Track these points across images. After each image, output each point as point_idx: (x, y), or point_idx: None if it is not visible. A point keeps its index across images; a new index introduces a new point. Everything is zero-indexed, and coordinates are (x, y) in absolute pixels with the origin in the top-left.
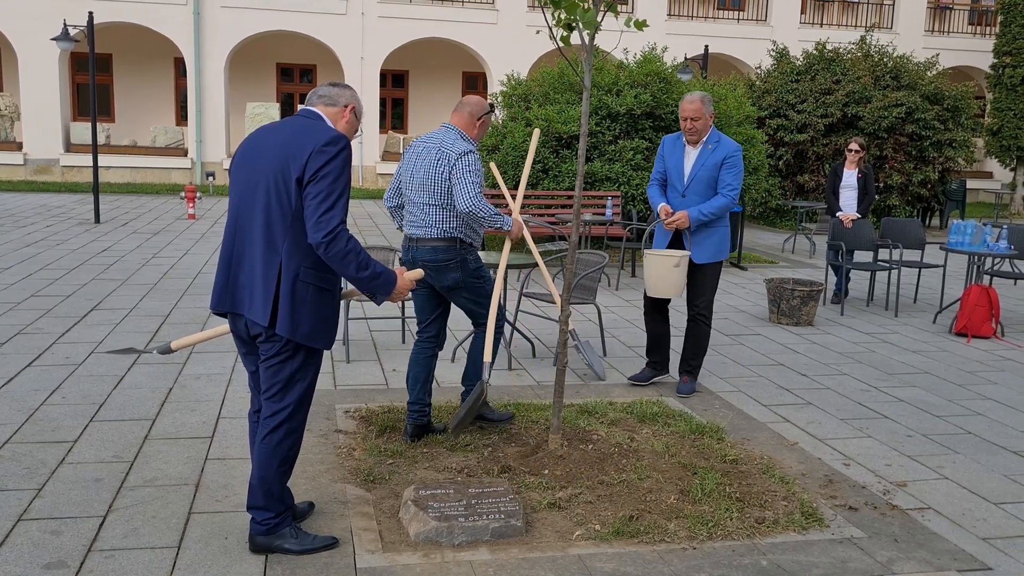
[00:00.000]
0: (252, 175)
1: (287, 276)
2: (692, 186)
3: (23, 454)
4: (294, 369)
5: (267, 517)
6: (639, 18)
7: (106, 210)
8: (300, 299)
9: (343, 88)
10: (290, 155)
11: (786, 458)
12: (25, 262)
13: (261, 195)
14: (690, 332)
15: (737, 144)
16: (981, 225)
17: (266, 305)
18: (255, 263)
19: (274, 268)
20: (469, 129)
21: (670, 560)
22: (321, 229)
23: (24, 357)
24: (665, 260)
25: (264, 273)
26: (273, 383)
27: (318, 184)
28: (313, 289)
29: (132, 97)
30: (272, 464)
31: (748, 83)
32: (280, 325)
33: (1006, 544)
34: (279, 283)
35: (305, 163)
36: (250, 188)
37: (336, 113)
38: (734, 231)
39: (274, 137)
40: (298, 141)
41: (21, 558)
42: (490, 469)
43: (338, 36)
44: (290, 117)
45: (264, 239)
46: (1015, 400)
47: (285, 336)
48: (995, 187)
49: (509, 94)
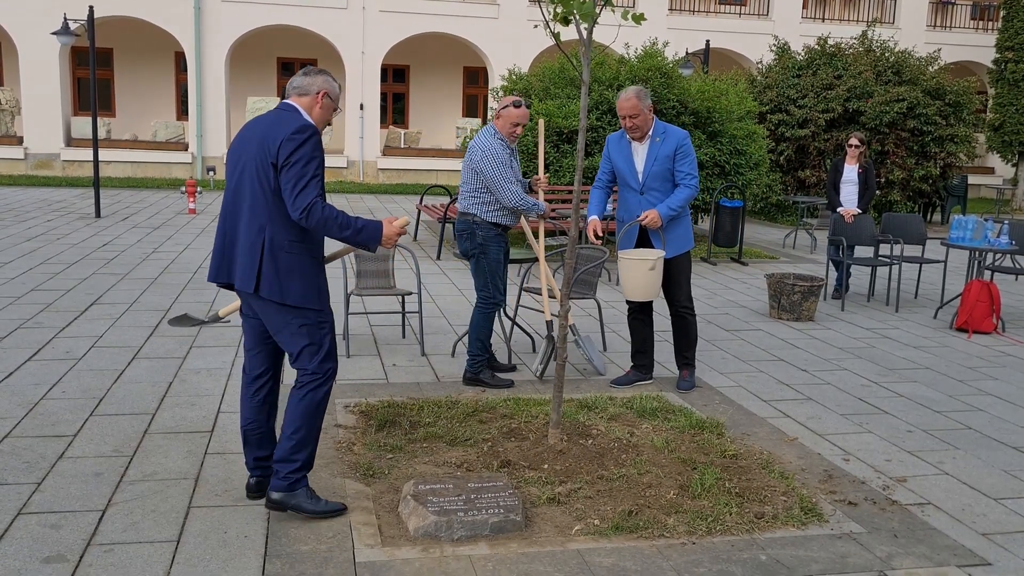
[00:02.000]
0: (239, 162)
1: (270, 248)
2: (648, 182)
3: (23, 448)
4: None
5: (292, 470)
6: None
7: (107, 204)
8: (286, 268)
9: (314, 76)
10: (267, 145)
11: (786, 453)
12: (26, 256)
13: (247, 180)
14: (678, 327)
15: (684, 132)
16: (982, 220)
17: (251, 274)
18: (242, 239)
19: (259, 242)
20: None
21: (669, 555)
22: (298, 206)
23: (24, 351)
24: (640, 264)
25: (250, 247)
26: (293, 347)
27: (291, 169)
28: (296, 258)
29: (133, 92)
30: (308, 414)
31: (749, 78)
32: (267, 290)
33: (1006, 540)
34: (262, 255)
35: (277, 151)
36: (237, 174)
37: (309, 102)
38: (736, 227)
39: (256, 128)
40: (272, 132)
41: (21, 552)
42: (489, 464)
43: (339, 30)
44: (271, 110)
45: (249, 218)
46: (1015, 396)
47: (275, 300)
48: (996, 183)
49: (510, 89)
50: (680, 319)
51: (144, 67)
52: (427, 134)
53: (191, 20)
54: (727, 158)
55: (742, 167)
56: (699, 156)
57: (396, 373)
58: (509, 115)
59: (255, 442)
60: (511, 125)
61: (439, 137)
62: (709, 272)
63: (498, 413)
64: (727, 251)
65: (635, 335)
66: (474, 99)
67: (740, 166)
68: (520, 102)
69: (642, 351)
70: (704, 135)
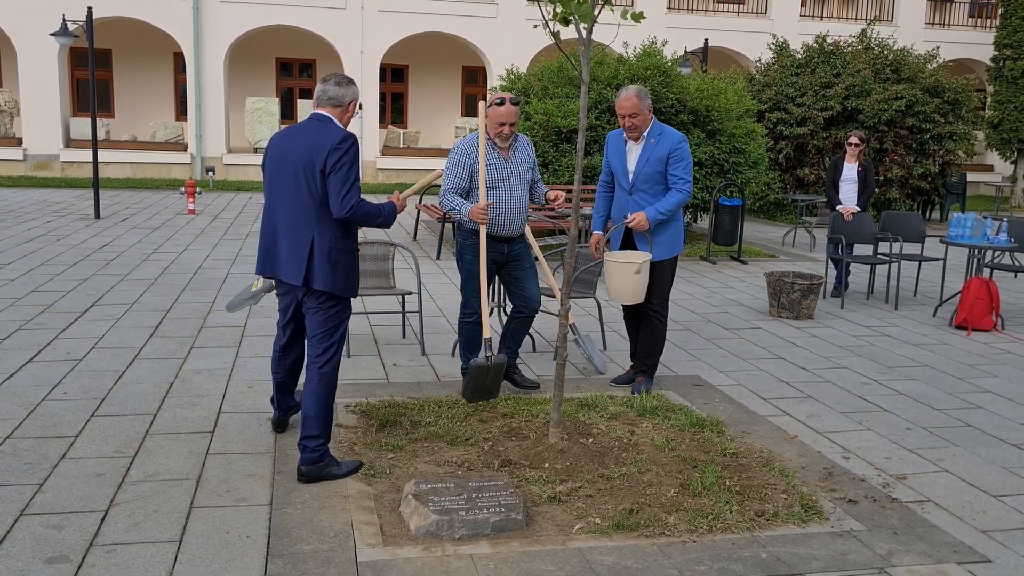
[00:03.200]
0: (283, 169)
1: (320, 247)
2: (638, 183)
3: (24, 449)
4: (335, 313)
5: (319, 443)
6: (636, 11)
7: (106, 205)
8: (335, 263)
9: (347, 86)
10: (314, 154)
11: (786, 451)
12: (25, 258)
13: (292, 185)
14: (644, 331)
15: (681, 135)
16: (981, 218)
17: (300, 269)
18: (290, 238)
19: (307, 241)
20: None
21: (670, 553)
22: (344, 206)
23: (25, 352)
24: (626, 267)
25: (297, 247)
26: (321, 328)
27: (337, 174)
28: (343, 254)
29: (132, 92)
30: (327, 392)
31: (748, 77)
32: (320, 282)
33: (1006, 537)
34: (312, 252)
35: (326, 158)
36: (283, 179)
37: (342, 112)
38: (735, 225)
39: (299, 139)
40: (319, 142)
41: (23, 553)
42: (490, 463)
43: (337, 30)
44: (307, 121)
45: (296, 219)
46: (1015, 393)
47: (327, 290)
48: (995, 180)
49: (508, 89)
50: (649, 321)
51: (143, 68)
52: (426, 134)
53: (190, 21)
54: (726, 156)
55: (741, 165)
56: (698, 155)
57: (397, 373)
58: (493, 114)
59: (284, 390)
60: (496, 125)
61: (438, 137)
62: (709, 271)
63: (499, 412)
64: (726, 250)
65: (631, 335)
66: (473, 98)
67: (739, 164)
68: (503, 99)
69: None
70: (703, 134)
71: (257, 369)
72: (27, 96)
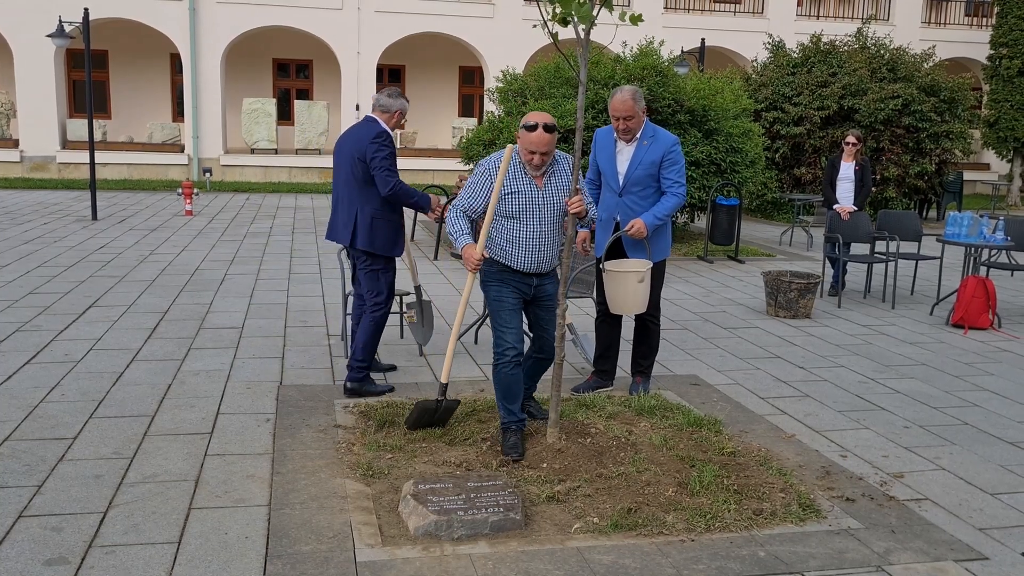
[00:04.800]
0: (341, 158)
1: (363, 218)
2: (629, 186)
3: (23, 451)
4: (378, 270)
5: (363, 365)
6: (634, 13)
7: (103, 207)
8: (377, 229)
9: (396, 99)
10: (359, 146)
11: (784, 450)
12: (23, 259)
13: (345, 170)
14: (640, 334)
15: (675, 137)
16: (978, 217)
17: (347, 233)
18: (342, 212)
19: (353, 213)
20: None
21: (668, 552)
22: (386, 185)
23: (23, 354)
24: (628, 276)
25: (347, 217)
26: (368, 282)
27: (376, 161)
28: (382, 221)
29: (128, 93)
30: (375, 332)
31: (744, 76)
32: (362, 243)
33: (1003, 534)
34: (356, 221)
35: (365, 150)
36: (340, 166)
37: (389, 117)
38: (732, 225)
39: (352, 136)
40: (363, 137)
41: (22, 555)
42: (489, 463)
43: (334, 31)
44: (361, 121)
45: (347, 197)
46: (1012, 391)
47: (367, 249)
48: (992, 179)
49: (505, 89)
50: (644, 325)
51: (139, 69)
52: (423, 134)
53: (186, 21)
54: (723, 156)
55: (738, 165)
56: (695, 154)
57: (395, 373)
58: (523, 139)
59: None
60: (526, 152)
61: (435, 137)
62: (706, 270)
63: (497, 412)
64: (724, 249)
65: (601, 339)
66: (470, 99)
67: (736, 164)
68: (536, 123)
69: (606, 356)
70: (700, 133)
71: (255, 370)
72: (23, 98)
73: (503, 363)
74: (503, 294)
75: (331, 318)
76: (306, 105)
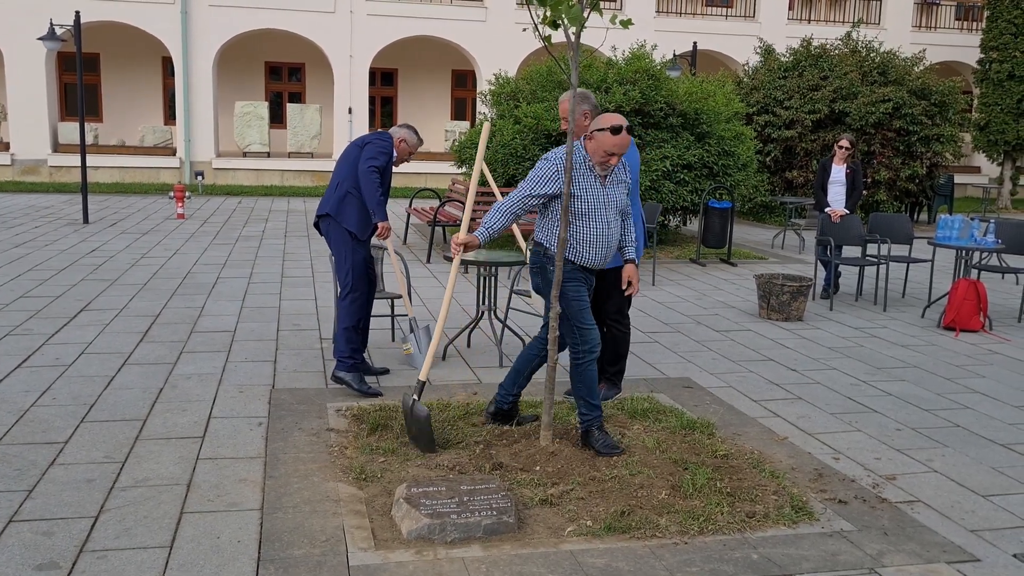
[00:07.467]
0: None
1: (340, 190)
2: None
3: (13, 455)
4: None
5: (344, 356)
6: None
7: (94, 210)
8: (348, 203)
9: (407, 132)
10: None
11: (776, 453)
12: (14, 263)
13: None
14: (607, 341)
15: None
16: (969, 220)
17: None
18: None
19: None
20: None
21: (661, 555)
22: (365, 163)
23: (14, 358)
24: None
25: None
26: (339, 263)
27: (366, 152)
28: (354, 199)
29: (120, 96)
30: (345, 317)
31: (736, 80)
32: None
33: (995, 536)
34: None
35: (365, 146)
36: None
37: (399, 141)
38: (724, 228)
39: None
40: (367, 138)
41: (13, 559)
42: (482, 466)
43: (327, 34)
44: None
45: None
46: (1003, 393)
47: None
48: (983, 182)
49: (498, 92)
50: (609, 332)
51: (131, 72)
52: None
53: (178, 25)
54: (715, 159)
55: (730, 168)
56: (688, 157)
57: (387, 376)
58: (602, 140)
59: None
60: (604, 153)
61: (428, 140)
62: (698, 273)
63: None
64: (716, 252)
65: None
66: (462, 102)
67: (728, 167)
68: (620, 126)
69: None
70: (692, 136)
71: (247, 374)
72: (15, 101)
73: (590, 360)
74: (581, 293)
75: (323, 321)
76: (299, 108)
